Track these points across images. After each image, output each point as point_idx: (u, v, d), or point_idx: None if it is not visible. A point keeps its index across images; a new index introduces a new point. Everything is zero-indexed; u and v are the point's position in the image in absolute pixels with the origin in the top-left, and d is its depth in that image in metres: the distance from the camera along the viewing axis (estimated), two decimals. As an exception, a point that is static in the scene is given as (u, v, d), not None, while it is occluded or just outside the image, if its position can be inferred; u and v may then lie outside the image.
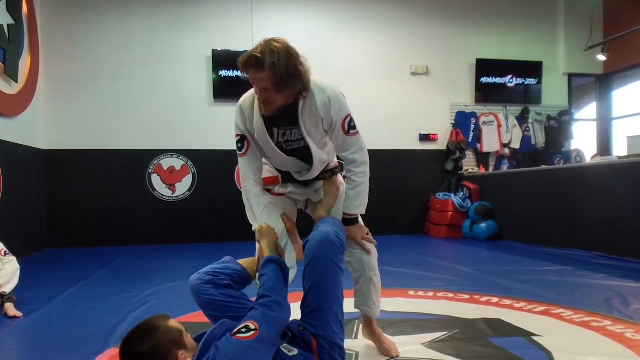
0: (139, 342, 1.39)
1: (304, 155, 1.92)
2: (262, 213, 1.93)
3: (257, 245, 1.88)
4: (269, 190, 2.08)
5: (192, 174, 6.86)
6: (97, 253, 5.90)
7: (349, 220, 2.01)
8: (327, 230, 1.76)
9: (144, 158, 6.78)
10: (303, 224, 2.23)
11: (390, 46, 7.49)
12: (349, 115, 1.88)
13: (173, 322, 1.47)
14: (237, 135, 1.93)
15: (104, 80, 6.70)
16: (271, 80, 1.68)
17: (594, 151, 8.13)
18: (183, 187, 6.83)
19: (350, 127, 1.88)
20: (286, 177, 2.04)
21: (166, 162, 6.82)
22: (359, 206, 2.00)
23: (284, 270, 1.74)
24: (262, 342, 1.43)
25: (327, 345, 1.66)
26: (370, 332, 2.19)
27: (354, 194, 1.98)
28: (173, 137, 6.83)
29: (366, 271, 2.10)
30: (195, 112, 6.87)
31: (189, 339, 1.49)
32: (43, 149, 6.48)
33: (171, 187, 6.82)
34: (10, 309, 2.96)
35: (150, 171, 6.79)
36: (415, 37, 7.56)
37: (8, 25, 5.40)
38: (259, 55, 1.66)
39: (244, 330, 1.44)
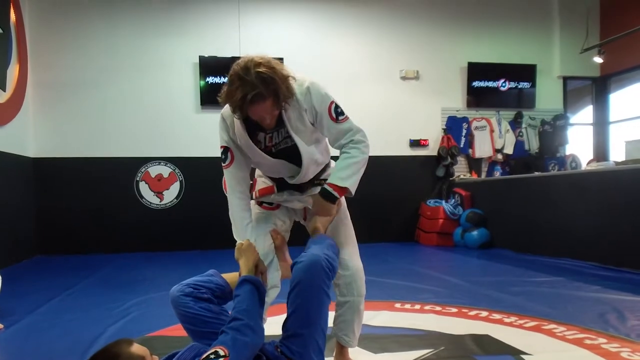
0: None
1: (294, 155, 1.83)
2: (247, 228, 1.85)
3: None
4: (260, 204, 2.00)
5: (180, 181, 6.81)
6: (85, 261, 5.86)
7: (325, 192, 1.81)
8: (318, 253, 1.67)
9: (132, 166, 6.73)
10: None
11: (379, 50, 7.42)
12: (332, 102, 1.81)
13: (136, 348, 1.40)
14: (221, 147, 1.87)
15: (92, 88, 6.67)
16: (275, 103, 1.66)
17: (590, 156, 8.04)
18: (171, 194, 6.78)
19: (337, 113, 1.81)
20: (282, 185, 1.95)
21: (154, 170, 6.78)
22: (344, 179, 1.80)
23: (260, 291, 1.66)
24: None
25: None
26: None
27: (343, 165, 1.81)
28: (161, 144, 6.79)
29: (354, 297, 1.99)
30: (183, 119, 6.83)
31: None
32: (31, 157, 6.46)
33: (159, 194, 6.77)
34: (-9, 320, 2.93)
35: (138, 179, 6.75)
36: (404, 40, 7.49)
37: (-4, 34, 5.39)
38: (257, 90, 1.60)
39: (212, 356, 1.39)
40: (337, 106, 1.81)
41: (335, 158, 1.93)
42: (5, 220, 5.51)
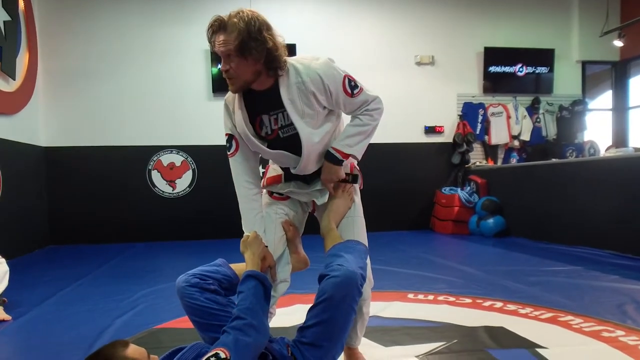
0: None
1: (299, 143, 1.75)
2: (255, 219, 1.78)
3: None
4: (271, 193, 1.94)
5: (192, 170, 6.78)
6: (97, 250, 5.88)
7: (331, 156, 1.78)
8: (354, 269, 1.57)
9: (144, 154, 6.72)
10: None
11: (394, 35, 7.29)
12: (345, 76, 1.74)
13: (132, 351, 1.35)
14: (225, 135, 1.82)
15: (102, 76, 6.65)
16: (233, 43, 1.58)
17: (609, 143, 7.87)
18: (183, 183, 6.76)
19: (351, 87, 1.74)
20: (289, 175, 1.88)
21: (166, 158, 6.76)
22: (351, 146, 1.77)
23: (266, 287, 1.60)
24: None
25: None
26: (349, 356, 2.02)
27: (352, 131, 1.78)
28: (172, 132, 6.76)
29: None
30: (195, 107, 6.78)
31: None
32: (43, 146, 6.47)
33: (171, 183, 6.76)
34: None
35: (150, 167, 6.74)
36: (419, 25, 7.35)
37: (4, 21, 5.36)
38: (223, 18, 1.60)
39: (213, 358, 1.34)
40: (350, 80, 1.75)
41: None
42: (17, 209, 5.53)
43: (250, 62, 1.63)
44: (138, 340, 2.43)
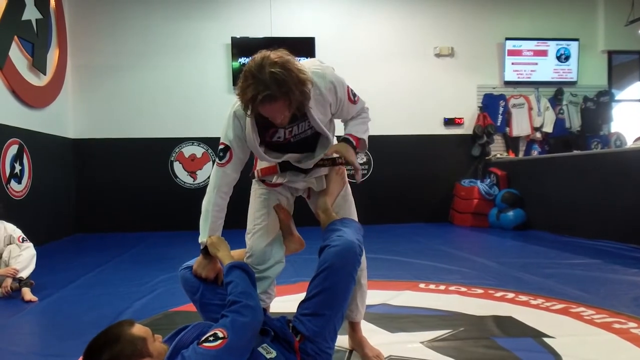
0: (99, 352, 1.36)
1: (309, 144, 1.86)
2: (219, 227, 1.92)
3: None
4: (263, 181, 2.02)
5: (213, 161, 6.89)
6: (121, 238, 6.06)
7: (347, 140, 1.91)
8: (352, 239, 1.70)
9: (166, 146, 6.89)
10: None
11: (413, 27, 7.23)
12: (348, 87, 1.87)
13: (137, 329, 1.42)
14: (221, 144, 1.84)
15: (127, 71, 6.84)
16: (287, 105, 1.61)
17: (638, 134, 7.64)
18: (204, 174, 6.88)
19: (353, 95, 1.88)
20: (284, 166, 1.96)
21: (187, 150, 6.92)
22: (361, 132, 1.94)
23: (250, 274, 1.70)
24: (230, 350, 1.40)
25: (313, 352, 1.62)
26: (353, 337, 2.08)
27: (358, 121, 1.95)
28: (194, 125, 6.89)
29: None
30: (216, 100, 6.86)
31: (156, 345, 1.45)
32: (71, 138, 6.69)
33: (192, 174, 6.92)
34: (27, 293, 3.10)
35: (172, 159, 6.91)
36: (438, 16, 7.28)
37: (36, 19, 5.58)
38: (268, 91, 1.54)
39: (211, 338, 1.41)
40: (351, 89, 1.88)
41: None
42: (47, 198, 5.75)
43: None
44: (154, 321, 2.53)
